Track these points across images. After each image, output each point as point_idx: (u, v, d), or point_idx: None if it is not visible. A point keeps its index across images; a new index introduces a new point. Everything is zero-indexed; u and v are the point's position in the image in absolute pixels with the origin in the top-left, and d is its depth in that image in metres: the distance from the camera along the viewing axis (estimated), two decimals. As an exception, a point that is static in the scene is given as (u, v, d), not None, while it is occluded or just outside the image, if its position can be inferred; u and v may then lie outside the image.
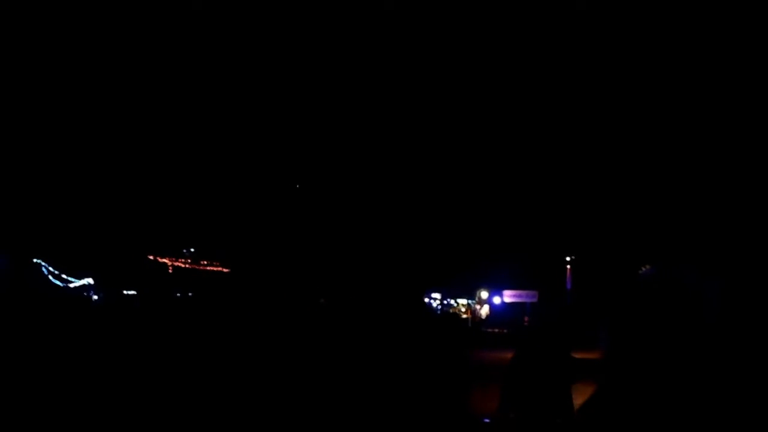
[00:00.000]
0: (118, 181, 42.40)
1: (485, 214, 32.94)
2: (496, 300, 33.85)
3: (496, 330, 30.03)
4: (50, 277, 38.63)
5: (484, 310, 38.21)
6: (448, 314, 40.40)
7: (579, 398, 10.46)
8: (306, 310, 37.22)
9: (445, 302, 47.34)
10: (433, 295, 45.85)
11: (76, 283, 41.00)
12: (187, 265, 56.38)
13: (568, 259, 25.20)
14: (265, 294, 42.33)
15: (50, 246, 38.84)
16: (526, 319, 28.19)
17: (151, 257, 52.87)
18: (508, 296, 30.32)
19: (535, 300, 28.38)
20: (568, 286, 25.55)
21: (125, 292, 43.96)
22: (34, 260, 37.80)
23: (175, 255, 55.83)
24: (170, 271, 54.63)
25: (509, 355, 6.04)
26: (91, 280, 42.09)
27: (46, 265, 38.45)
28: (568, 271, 25.51)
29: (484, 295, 37.92)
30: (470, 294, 41.16)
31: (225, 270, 56.47)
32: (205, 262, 56.94)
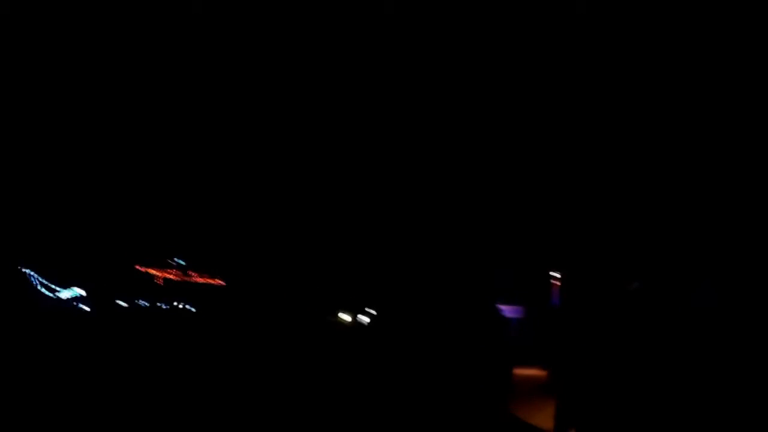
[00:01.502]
0: (108, 191, 42.35)
1: (472, 231, 33.20)
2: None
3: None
4: (39, 287, 38.53)
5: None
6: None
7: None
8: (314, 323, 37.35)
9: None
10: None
11: (65, 293, 40.88)
12: (175, 277, 56.35)
13: (554, 274, 25.45)
14: (258, 306, 42.37)
15: (39, 256, 38.76)
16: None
17: (141, 268, 52.82)
18: (496, 311, 30.47)
19: (522, 316, 28.60)
20: (556, 301, 25.78)
21: (116, 302, 43.89)
22: (23, 270, 37.73)
23: (164, 266, 55.83)
24: (159, 282, 54.64)
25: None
26: (81, 291, 42.00)
27: (35, 275, 38.37)
28: (554, 287, 25.77)
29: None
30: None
31: (214, 282, 56.50)
32: (195, 274, 56.99)
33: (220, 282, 56.80)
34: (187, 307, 53.26)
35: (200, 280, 57.92)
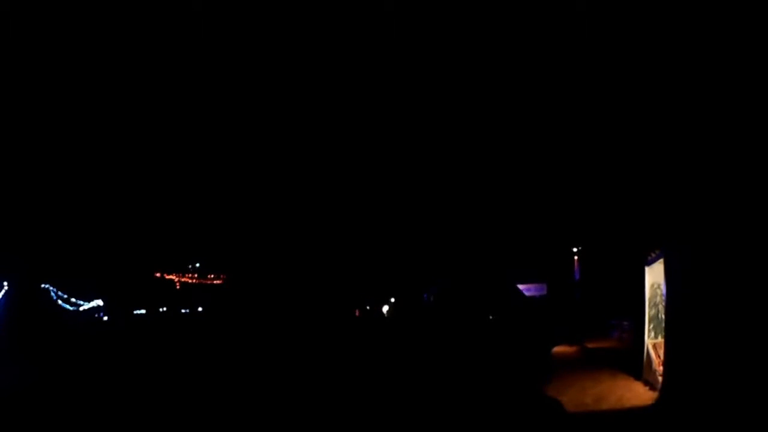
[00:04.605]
0: (121, 203, 42.42)
1: (492, 211, 33.02)
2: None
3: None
4: (59, 301, 38.55)
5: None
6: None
7: (597, 386, 10.53)
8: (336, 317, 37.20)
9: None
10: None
11: (86, 305, 40.95)
12: (193, 281, 56.43)
13: (575, 250, 25.22)
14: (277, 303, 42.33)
15: (57, 271, 38.80)
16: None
17: (158, 275, 52.98)
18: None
19: (544, 292, 28.60)
20: (577, 276, 25.59)
21: (135, 311, 43.98)
22: (42, 285, 37.77)
23: (182, 271, 55.92)
24: (177, 287, 54.72)
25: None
26: (100, 302, 42.06)
27: (54, 290, 38.39)
28: (575, 262, 25.53)
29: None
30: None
31: (232, 282, 56.59)
32: (212, 276, 57.03)
33: (238, 282, 56.89)
34: (207, 309, 53.42)
35: (218, 281, 58.05)
